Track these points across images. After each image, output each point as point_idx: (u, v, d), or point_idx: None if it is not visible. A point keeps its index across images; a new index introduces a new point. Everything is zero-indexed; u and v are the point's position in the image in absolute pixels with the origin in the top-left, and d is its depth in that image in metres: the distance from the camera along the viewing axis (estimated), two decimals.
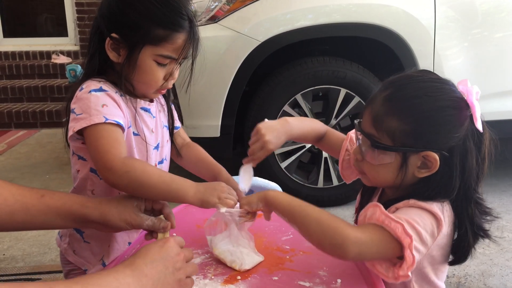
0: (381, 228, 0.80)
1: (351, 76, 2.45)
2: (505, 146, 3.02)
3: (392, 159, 0.86)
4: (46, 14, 5.59)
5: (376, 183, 0.94)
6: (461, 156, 0.84)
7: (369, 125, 0.88)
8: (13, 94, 4.58)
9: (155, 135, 1.07)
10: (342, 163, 1.11)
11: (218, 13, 2.42)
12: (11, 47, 5.17)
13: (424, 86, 0.86)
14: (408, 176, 0.87)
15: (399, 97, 0.86)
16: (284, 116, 2.47)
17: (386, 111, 0.86)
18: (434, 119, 0.83)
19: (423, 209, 0.83)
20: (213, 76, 2.35)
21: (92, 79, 0.99)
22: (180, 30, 0.96)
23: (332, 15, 2.42)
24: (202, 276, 0.91)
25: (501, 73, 2.58)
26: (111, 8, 0.97)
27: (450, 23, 2.48)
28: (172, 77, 1.01)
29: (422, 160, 0.85)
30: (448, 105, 0.84)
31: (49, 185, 3.01)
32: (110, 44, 0.97)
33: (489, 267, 2.00)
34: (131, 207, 0.88)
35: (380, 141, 0.86)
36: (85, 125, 0.91)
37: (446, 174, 0.85)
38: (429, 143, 0.84)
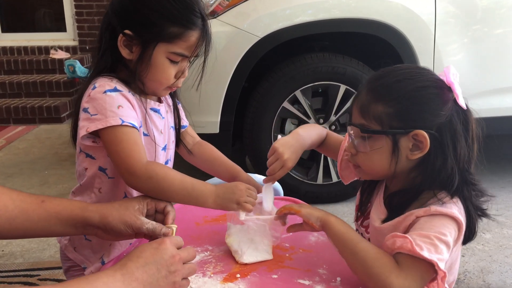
0: (417, 260, 0.79)
1: (350, 72, 2.44)
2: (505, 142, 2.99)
3: (383, 144, 0.88)
4: (44, 9, 5.56)
5: (372, 173, 0.94)
6: (451, 136, 0.86)
7: (357, 116, 0.91)
8: (11, 89, 4.56)
9: (164, 136, 1.07)
10: (341, 164, 1.12)
11: (217, 8, 2.41)
12: (9, 42, 5.15)
13: (404, 72, 0.91)
14: (402, 161, 0.88)
15: (380, 84, 0.90)
16: (284, 111, 2.48)
17: (370, 99, 0.89)
18: (416, 98, 0.86)
19: (445, 215, 0.83)
20: (212, 72, 2.33)
21: (103, 76, 0.98)
22: (193, 27, 0.96)
23: (331, 11, 2.41)
24: (201, 274, 0.91)
25: (501, 69, 2.57)
26: (124, 4, 0.97)
27: (450, 19, 2.47)
28: (183, 75, 1.01)
29: (413, 141, 0.86)
30: (428, 85, 0.88)
31: (47, 180, 3.00)
32: (123, 41, 0.96)
33: (488, 264, 2.00)
34: (132, 210, 0.87)
35: (369, 127, 0.88)
36: (101, 126, 0.91)
37: (439, 156, 0.86)
38: (416, 122, 0.86)
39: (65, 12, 5.32)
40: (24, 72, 4.85)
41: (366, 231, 1.01)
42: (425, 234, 0.80)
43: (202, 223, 1.13)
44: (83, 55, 5.07)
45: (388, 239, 0.83)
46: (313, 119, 2.53)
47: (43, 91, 4.59)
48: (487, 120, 0.91)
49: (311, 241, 1.05)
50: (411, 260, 0.79)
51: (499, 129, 2.59)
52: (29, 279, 1.94)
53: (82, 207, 0.87)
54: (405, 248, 0.79)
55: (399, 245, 0.80)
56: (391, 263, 0.81)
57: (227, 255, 0.98)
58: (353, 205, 2.77)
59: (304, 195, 2.49)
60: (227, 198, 0.94)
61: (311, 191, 2.54)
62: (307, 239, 1.05)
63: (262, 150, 2.51)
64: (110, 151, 0.93)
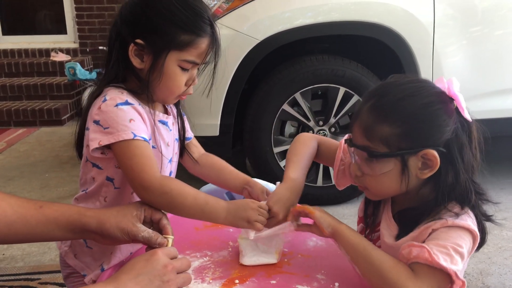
0: (434, 269, 0.79)
1: (350, 75, 2.44)
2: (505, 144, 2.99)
3: (392, 166, 0.86)
4: (45, 11, 5.57)
5: (382, 195, 0.93)
6: (459, 149, 0.85)
7: (361, 138, 0.88)
8: (12, 92, 4.57)
9: (170, 148, 1.07)
10: (337, 174, 1.09)
11: (217, 11, 2.42)
12: (10, 45, 5.16)
13: (405, 88, 0.88)
14: (412, 180, 0.86)
15: (383, 103, 0.87)
16: (284, 114, 2.48)
17: (374, 120, 0.86)
18: (422, 116, 0.84)
19: (462, 227, 0.83)
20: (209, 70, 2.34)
21: (113, 87, 0.98)
22: (203, 34, 0.97)
23: (331, 14, 2.42)
24: (200, 280, 0.91)
25: (500, 71, 2.58)
26: (135, 13, 0.97)
27: (449, 21, 2.47)
28: (193, 83, 1.02)
29: (422, 160, 0.85)
30: (432, 101, 0.85)
31: (48, 183, 3.01)
32: (134, 50, 0.96)
33: (487, 266, 2.00)
34: (130, 216, 0.87)
35: (376, 150, 0.86)
36: (113, 140, 0.91)
37: (450, 171, 0.85)
38: (424, 141, 0.84)
39: (66, 14, 5.33)
40: (25, 74, 4.86)
41: None
42: (442, 244, 0.80)
43: (201, 228, 1.14)
44: (83, 58, 5.08)
45: (404, 248, 0.83)
46: (313, 122, 2.53)
47: (44, 94, 4.60)
48: (486, 121, 0.90)
49: (310, 246, 1.05)
50: (428, 269, 0.79)
51: (498, 130, 2.59)
52: (30, 283, 1.95)
53: (80, 213, 0.87)
54: (422, 258, 0.79)
55: (416, 254, 0.80)
56: (408, 271, 0.80)
57: (226, 261, 0.99)
58: (353, 207, 2.77)
59: (304, 197, 2.48)
60: (238, 216, 0.94)
61: (311, 193, 2.54)
62: (306, 245, 1.06)
63: (262, 152, 2.52)
64: (123, 166, 0.93)
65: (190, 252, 1.01)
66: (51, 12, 5.53)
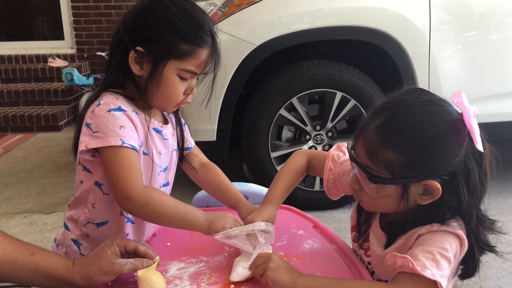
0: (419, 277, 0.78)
1: (346, 79, 2.45)
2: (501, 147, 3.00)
3: (392, 191, 0.84)
4: (42, 17, 5.58)
5: (377, 210, 0.93)
6: (465, 177, 0.82)
7: (364, 156, 0.85)
8: (9, 98, 4.57)
9: (163, 157, 1.07)
10: (328, 184, 1.08)
11: (214, 17, 2.42)
12: (7, 51, 5.17)
13: (417, 112, 0.82)
14: (410, 204, 0.85)
15: (392, 126, 0.82)
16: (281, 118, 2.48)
17: (380, 143, 0.82)
18: (431, 148, 0.80)
19: (447, 232, 0.82)
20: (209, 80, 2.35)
21: (109, 92, 0.99)
22: (204, 45, 0.98)
23: (327, 18, 2.42)
24: (196, 285, 0.91)
25: (496, 75, 2.59)
26: (137, 21, 0.97)
27: (444, 26, 2.49)
28: (192, 92, 1.03)
29: (424, 187, 0.83)
30: (444, 131, 0.81)
31: (45, 189, 3.00)
32: (134, 58, 0.97)
33: (485, 270, 2.00)
34: (107, 257, 0.88)
35: (378, 174, 0.83)
36: (101, 145, 0.92)
37: (453, 197, 0.83)
38: (429, 172, 0.81)
39: (63, 20, 5.34)
40: (22, 80, 4.86)
41: (366, 254, 0.98)
42: (427, 249, 0.80)
43: (197, 234, 1.13)
44: (81, 63, 5.08)
45: (389, 259, 0.82)
46: (310, 126, 2.54)
47: (41, 99, 4.60)
48: (482, 125, 0.86)
49: (305, 249, 1.05)
50: (413, 278, 0.78)
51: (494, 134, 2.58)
52: None
53: (66, 267, 0.88)
54: (407, 267, 0.78)
55: (400, 264, 0.79)
56: (382, 285, 0.81)
57: (221, 266, 0.98)
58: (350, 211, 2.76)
59: (302, 202, 2.49)
60: (214, 222, 0.98)
61: (308, 198, 2.54)
62: (302, 247, 1.05)
63: (259, 157, 2.52)
64: (108, 172, 0.94)
65: (186, 258, 1.01)
66: (48, 18, 5.54)
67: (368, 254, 0.98)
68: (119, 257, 0.89)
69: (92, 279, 0.87)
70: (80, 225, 1.05)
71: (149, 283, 0.87)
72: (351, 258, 0.99)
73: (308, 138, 2.56)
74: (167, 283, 0.90)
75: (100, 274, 0.87)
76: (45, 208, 2.72)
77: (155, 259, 0.92)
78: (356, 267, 0.95)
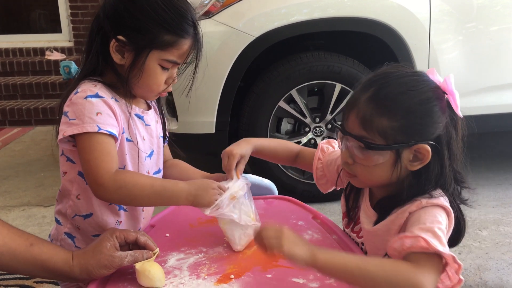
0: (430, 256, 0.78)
1: (346, 71, 2.44)
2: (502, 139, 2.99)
3: (387, 158, 0.87)
4: (39, 10, 5.54)
5: (370, 184, 0.95)
6: (447, 142, 0.88)
7: (358, 127, 0.88)
8: (7, 91, 4.55)
9: (146, 143, 1.06)
10: (316, 172, 1.13)
11: (212, 8, 2.40)
12: (4, 44, 5.13)
13: (405, 81, 0.88)
14: (402, 172, 0.88)
15: (383, 95, 0.87)
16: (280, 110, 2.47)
17: (373, 111, 0.86)
18: (421, 112, 0.86)
19: (436, 206, 0.85)
20: (207, 72, 2.33)
21: (88, 80, 0.97)
22: (186, 36, 0.97)
23: (327, 10, 2.40)
24: (195, 276, 0.90)
25: (497, 67, 2.57)
26: (118, 9, 0.96)
27: (445, 17, 2.47)
28: (173, 81, 1.02)
29: (414, 153, 0.87)
30: (430, 96, 0.87)
31: (43, 182, 2.99)
32: (115, 46, 0.96)
33: (485, 261, 2.00)
34: (106, 250, 0.87)
35: (373, 141, 0.86)
36: (77, 132, 0.91)
37: (437, 164, 0.88)
38: (419, 136, 0.86)
39: (60, 13, 5.30)
40: (20, 73, 4.83)
41: (358, 236, 1.01)
42: (425, 227, 0.81)
43: (196, 225, 1.13)
44: (78, 56, 5.05)
45: (395, 242, 0.81)
46: (309, 118, 2.53)
47: (39, 93, 4.58)
48: (483, 117, 0.93)
49: (306, 239, 1.04)
50: (425, 256, 0.78)
51: (495, 126, 2.59)
52: (26, 282, 1.93)
53: (65, 260, 0.87)
54: (417, 246, 0.78)
55: (410, 245, 0.79)
56: (410, 266, 0.78)
57: (221, 257, 0.98)
58: None
59: (301, 194, 2.49)
60: (199, 196, 0.96)
61: (307, 190, 2.54)
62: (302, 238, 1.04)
63: None
64: (82, 159, 0.93)
65: (185, 249, 1.00)
66: (45, 11, 5.50)
67: (360, 235, 1.00)
68: (118, 250, 0.88)
69: (91, 272, 0.86)
70: (69, 218, 1.04)
71: (148, 275, 0.86)
72: (351, 248, 0.98)
73: (308, 130, 2.55)
74: (166, 274, 0.90)
75: (99, 267, 0.86)
76: (44, 201, 2.71)
77: (155, 251, 0.91)
78: None
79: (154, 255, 0.90)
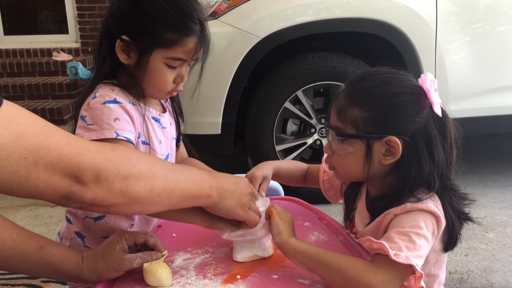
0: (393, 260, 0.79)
1: (352, 72, 2.43)
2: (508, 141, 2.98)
3: (357, 147, 0.90)
4: (46, 11, 5.58)
5: (347, 176, 0.97)
6: (426, 143, 0.88)
7: (334, 119, 0.93)
8: (14, 92, 4.58)
9: (163, 146, 1.07)
10: (324, 185, 1.15)
11: (218, 9, 2.41)
12: (11, 45, 5.17)
13: (382, 77, 0.92)
14: (375, 165, 0.90)
15: (358, 88, 0.91)
16: (286, 111, 2.47)
17: (347, 103, 0.90)
18: (392, 104, 0.88)
19: (422, 210, 0.85)
20: (213, 73, 2.34)
21: (105, 84, 0.99)
22: (190, 34, 0.97)
23: (333, 10, 2.41)
24: (202, 276, 0.90)
25: (503, 68, 2.56)
26: (122, 10, 0.97)
27: (451, 17, 2.46)
28: (182, 80, 1.02)
29: (386, 147, 0.88)
30: (404, 91, 0.89)
31: None
32: (121, 46, 0.97)
33: (491, 263, 1.99)
34: (115, 253, 0.87)
35: (345, 131, 0.90)
36: (95, 137, 0.91)
37: (414, 162, 0.87)
38: (390, 128, 0.87)
39: (67, 14, 5.33)
40: (27, 74, 4.86)
41: (356, 237, 1.02)
42: (402, 231, 0.82)
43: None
44: (85, 57, 5.08)
45: (364, 242, 0.85)
46: (315, 119, 2.53)
47: (46, 93, 4.60)
48: (490, 118, 0.93)
49: (312, 240, 1.04)
50: (387, 259, 0.80)
51: (501, 127, 2.57)
52: (33, 281, 1.95)
53: (75, 262, 0.87)
54: (382, 251, 0.80)
55: (377, 247, 0.82)
56: (365, 263, 0.82)
57: (227, 257, 0.98)
58: None
59: (306, 195, 2.47)
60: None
61: (313, 191, 2.51)
62: (308, 238, 1.05)
63: (264, 150, 2.51)
64: None
65: (192, 249, 1.01)
66: (52, 12, 5.53)
67: (358, 237, 1.01)
68: (127, 253, 0.88)
69: (100, 274, 0.87)
70: (79, 218, 1.04)
71: (155, 274, 0.86)
72: (357, 250, 0.98)
73: (313, 131, 2.55)
74: (173, 274, 0.90)
75: (108, 270, 0.87)
76: None
77: (164, 253, 0.91)
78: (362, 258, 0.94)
79: (163, 256, 0.91)
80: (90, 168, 0.70)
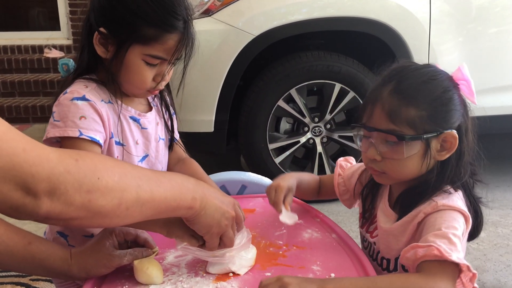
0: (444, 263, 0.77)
1: (345, 71, 2.43)
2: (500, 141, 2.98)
3: (418, 149, 0.88)
4: (38, 7, 5.53)
5: (400, 178, 0.93)
6: (466, 132, 0.90)
7: (385, 121, 0.87)
8: (5, 88, 4.53)
9: (140, 147, 1.03)
10: (339, 188, 1.12)
11: (212, 6, 2.40)
12: (2, 41, 5.11)
13: (423, 72, 0.90)
14: (431, 163, 0.89)
15: (406, 86, 0.88)
16: (279, 110, 2.47)
17: (400, 103, 0.87)
18: (445, 99, 0.88)
19: (453, 210, 0.85)
20: (206, 71, 2.33)
21: (80, 80, 0.96)
22: (171, 30, 0.92)
23: (326, 9, 2.40)
24: (193, 273, 0.89)
25: (496, 68, 2.58)
26: (102, 1, 0.94)
27: (445, 18, 2.47)
28: (163, 79, 0.98)
29: (441, 142, 0.88)
30: (449, 85, 0.89)
31: None
32: (98, 39, 0.94)
33: (482, 263, 2.00)
34: (104, 249, 0.85)
35: (404, 133, 0.86)
36: (58, 134, 0.90)
37: (457, 153, 0.89)
38: (445, 124, 0.88)
39: (59, 10, 5.29)
40: (18, 71, 4.81)
41: (371, 236, 1.01)
42: (440, 233, 0.80)
43: None
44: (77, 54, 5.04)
45: (408, 251, 0.81)
46: (308, 118, 2.52)
47: (37, 90, 4.56)
48: (482, 119, 0.95)
49: (305, 238, 1.04)
50: (439, 264, 0.78)
51: (493, 128, 2.58)
52: (21, 279, 1.92)
53: (64, 259, 0.86)
54: (431, 255, 0.78)
55: (423, 254, 0.79)
56: (420, 276, 0.78)
57: None
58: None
59: None
60: None
61: None
62: (301, 236, 1.04)
63: (256, 149, 2.50)
64: None
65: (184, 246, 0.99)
66: (44, 8, 5.48)
67: (374, 235, 0.99)
68: (117, 249, 0.86)
69: (89, 271, 0.85)
70: None
71: (146, 271, 0.85)
72: (350, 247, 0.98)
73: (307, 130, 2.55)
74: (165, 271, 0.89)
75: (98, 266, 0.85)
76: None
77: (154, 250, 0.90)
78: (356, 256, 0.94)
79: (154, 253, 0.89)
80: (46, 180, 0.63)
